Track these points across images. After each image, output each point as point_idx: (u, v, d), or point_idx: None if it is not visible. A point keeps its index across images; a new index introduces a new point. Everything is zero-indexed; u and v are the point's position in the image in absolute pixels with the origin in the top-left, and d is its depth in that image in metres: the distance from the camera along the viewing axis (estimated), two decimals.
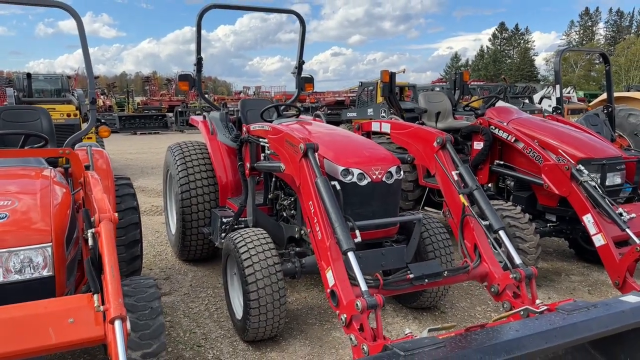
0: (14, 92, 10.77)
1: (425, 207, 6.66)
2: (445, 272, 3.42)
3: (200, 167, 5.55)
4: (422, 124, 6.88)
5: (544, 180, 5.00)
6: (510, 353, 2.47)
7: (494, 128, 5.64)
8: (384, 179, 3.82)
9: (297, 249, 4.29)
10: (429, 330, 2.71)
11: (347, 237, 3.09)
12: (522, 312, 3.19)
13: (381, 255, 3.90)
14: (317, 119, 5.67)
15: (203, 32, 5.75)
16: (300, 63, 6.36)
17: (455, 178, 3.83)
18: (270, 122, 4.99)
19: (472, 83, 30.17)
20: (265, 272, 3.74)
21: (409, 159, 4.36)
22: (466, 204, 3.69)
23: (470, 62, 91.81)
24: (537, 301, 3.16)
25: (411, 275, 3.29)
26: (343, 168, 3.74)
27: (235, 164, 5.43)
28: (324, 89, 51.92)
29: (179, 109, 27.60)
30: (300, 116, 5.73)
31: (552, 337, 2.62)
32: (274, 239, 4.49)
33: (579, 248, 5.96)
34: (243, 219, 4.84)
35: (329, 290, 3.19)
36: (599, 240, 4.47)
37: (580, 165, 4.80)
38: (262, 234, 4.00)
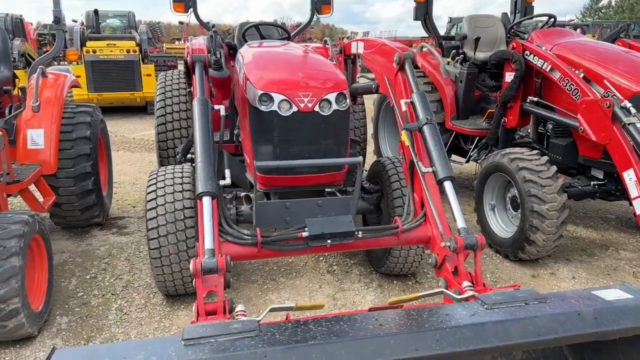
0: (81, 27, 10.97)
1: (453, 155, 5.56)
2: (360, 233, 2.53)
3: (180, 97, 4.98)
4: (463, 54, 5.67)
5: (580, 121, 3.72)
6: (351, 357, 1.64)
7: (528, 54, 4.33)
8: (316, 108, 2.93)
9: (243, 193, 3.58)
10: (271, 310, 1.93)
11: (205, 178, 2.34)
12: (455, 296, 2.27)
13: (317, 206, 3.08)
14: (309, 45, 4.80)
15: None
16: None
17: (404, 109, 2.83)
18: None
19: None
20: (170, 217, 3.11)
21: (374, 86, 3.40)
22: (407, 143, 2.71)
23: (613, 3, 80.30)
24: (465, 283, 2.20)
25: (305, 233, 2.45)
26: (262, 92, 2.92)
27: (218, 95, 4.81)
28: None
29: None
30: (289, 42, 4.87)
31: (429, 342, 1.70)
32: (236, 181, 3.84)
33: None
34: None
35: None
36: None
37: (626, 102, 3.46)
38: (182, 172, 3.35)
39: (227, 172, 2.50)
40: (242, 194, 3.50)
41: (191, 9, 5.40)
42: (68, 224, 4.56)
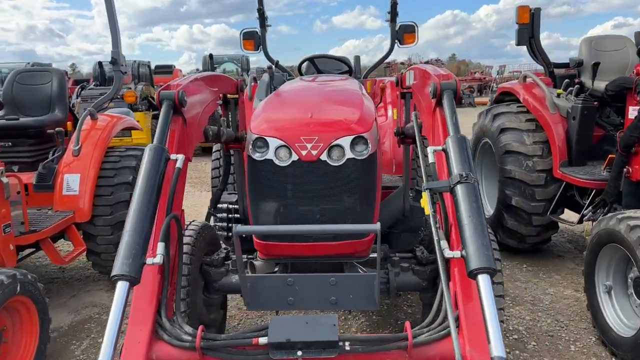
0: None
1: (566, 211, 4.38)
2: (347, 344, 1.72)
3: None
4: (580, 84, 4.54)
5: None
6: None
7: None
8: (323, 157, 2.22)
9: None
10: None
11: (126, 256, 1.73)
12: None
13: (329, 284, 2.32)
14: (384, 79, 4.14)
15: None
16: (393, 3, 4.76)
17: (431, 159, 1.98)
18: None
19: None
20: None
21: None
22: (428, 211, 1.85)
23: None
24: None
25: (263, 339, 1.72)
26: (256, 137, 2.29)
27: None
28: None
29: None
30: (349, 77, 4.21)
31: None
32: None
33: None
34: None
35: None
36: None
37: None
38: (196, 226, 2.77)
39: (160, 247, 1.88)
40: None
41: (260, 47, 5.13)
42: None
